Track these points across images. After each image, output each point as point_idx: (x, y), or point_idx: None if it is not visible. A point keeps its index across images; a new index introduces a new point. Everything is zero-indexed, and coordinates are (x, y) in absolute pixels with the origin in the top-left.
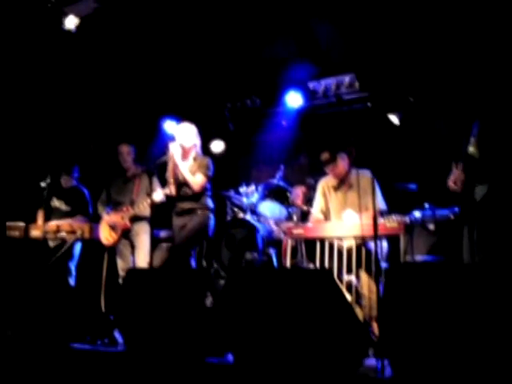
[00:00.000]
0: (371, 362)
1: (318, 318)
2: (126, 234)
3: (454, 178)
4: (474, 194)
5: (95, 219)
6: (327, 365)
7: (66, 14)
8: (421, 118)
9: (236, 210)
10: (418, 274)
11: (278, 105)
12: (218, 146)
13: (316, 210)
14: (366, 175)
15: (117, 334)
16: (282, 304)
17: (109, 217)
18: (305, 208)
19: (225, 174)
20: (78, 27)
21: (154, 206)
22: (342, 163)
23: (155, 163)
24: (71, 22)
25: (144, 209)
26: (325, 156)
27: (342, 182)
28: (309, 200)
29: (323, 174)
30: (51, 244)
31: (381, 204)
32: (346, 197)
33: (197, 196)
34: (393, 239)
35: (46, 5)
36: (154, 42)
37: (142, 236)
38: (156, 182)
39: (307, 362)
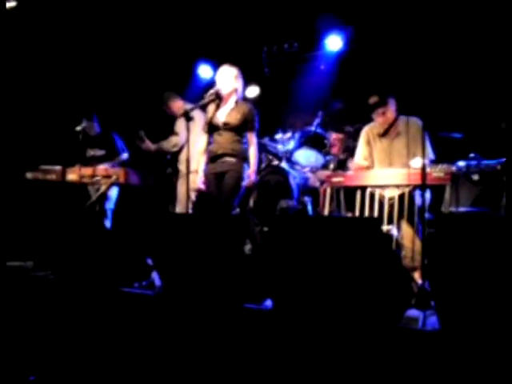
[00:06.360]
0: (413, 312)
1: (360, 266)
2: None
3: None
4: None
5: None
6: (369, 313)
7: None
8: (467, 64)
9: (271, 157)
10: (464, 224)
11: (316, 49)
12: (252, 92)
13: (358, 158)
14: (415, 122)
15: (155, 277)
16: (323, 251)
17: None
18: (342, 156)
19: (260, 121)
20: None
21: None
22: (392, 107)
23: (191, 108)
24: None
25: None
26: (374, 99)
27: (389, 129)
28: (346, 148)
29: (362, 121)
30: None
31: (430, 153)
32: (393, 144)
33: (231, 142)
34: (435, 189)
35: None
36: None
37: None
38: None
39: (347, 310)
